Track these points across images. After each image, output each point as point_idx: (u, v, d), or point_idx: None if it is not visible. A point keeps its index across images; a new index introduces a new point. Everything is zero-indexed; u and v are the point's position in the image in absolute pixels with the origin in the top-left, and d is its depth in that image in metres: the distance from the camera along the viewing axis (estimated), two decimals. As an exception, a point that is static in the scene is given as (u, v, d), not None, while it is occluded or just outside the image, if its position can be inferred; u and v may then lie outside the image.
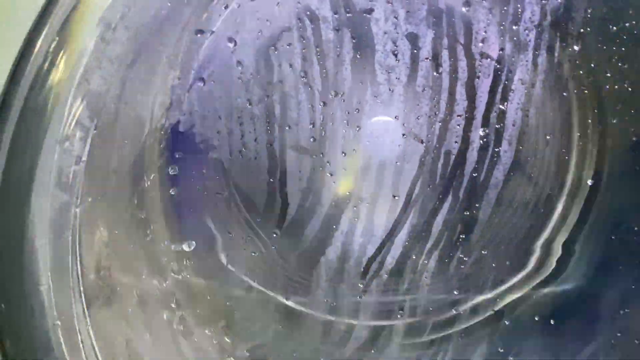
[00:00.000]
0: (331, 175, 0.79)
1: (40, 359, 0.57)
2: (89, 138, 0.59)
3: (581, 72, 0.72)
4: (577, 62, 0.72)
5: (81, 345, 0.61)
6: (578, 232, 0.78)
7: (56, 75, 0.54)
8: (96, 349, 0.62)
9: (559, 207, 0.79)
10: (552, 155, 0.77)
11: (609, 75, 0.71)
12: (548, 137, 0.77)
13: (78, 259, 0.61)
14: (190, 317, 0.76)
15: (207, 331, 0.78)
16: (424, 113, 0.76)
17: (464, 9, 0.72)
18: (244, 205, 0.81)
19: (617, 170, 0.75)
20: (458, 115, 0.76)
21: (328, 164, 0.79)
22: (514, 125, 0.76)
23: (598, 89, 0.73)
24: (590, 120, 0.74)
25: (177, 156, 0.76)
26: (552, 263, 0.79)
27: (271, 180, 0.80)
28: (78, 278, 0.61)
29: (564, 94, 0.74)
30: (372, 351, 0.83)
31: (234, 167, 0.79)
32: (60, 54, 0.54)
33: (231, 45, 0.74)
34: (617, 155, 0.75)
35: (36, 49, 0.52)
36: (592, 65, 0.71)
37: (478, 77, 0.75)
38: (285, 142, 0.78)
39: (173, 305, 0.75)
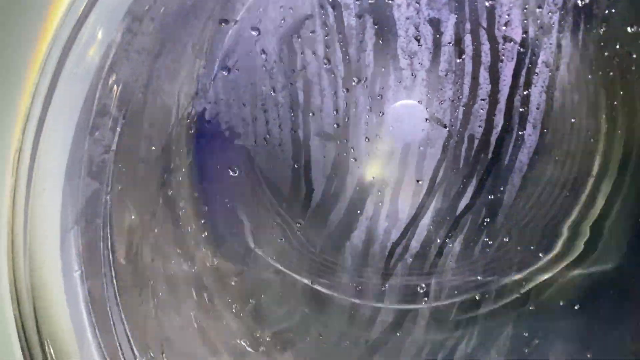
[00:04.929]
0: (355, 160, 0.80)
1: (73, 343, 0.59)
2: (118, 127, 0.60)
3: (606, 54, 0.71)
4: (602, 44, 0.71)
5: (113, 329, 0.63)
6: (605, 214, 0.77)
7: (85, 67, 0.55)
8: (128, 332, 0.64)
9: (586, 190, 0.78)
10: (577, 138, 0.77)
11: (635, 56, 0.69)
12: (573, 120, 0.76)
13: (109, 245, 0.63)
14: (218, 301, 0.78)
15: (234, 315, 0.79)
16: (447, 98, 0.76)
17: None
18: (269, 191, 0.82)
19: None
20: (482, 99, 0.76)
21: (352, 149, 0.79)
22: (538, 108, 0.75)
23: (624, 70, 0.71)
24: (616, 102, 0.73)
25: (203, 144, 0.77)
26: (579, 246, 0.78)
27: (296, 166, 0.80)
28: (109, 263, 0.63)
29: (589, 76, 0.73)
30: (398, 334, 0.83)
31: (259, 154, 0.80)
32: (89, 46, 0.55)
33: (255, 33, 0.74)
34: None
35: (64, 42, 0.53)
36: (618, 47, 0.70)
37: (501, 61, 0.74)
38: (309, 129, 0.79)
39: (202, 289, 0.77)
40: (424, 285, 0.83)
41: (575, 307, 0.76)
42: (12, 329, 0.54)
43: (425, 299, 0.83)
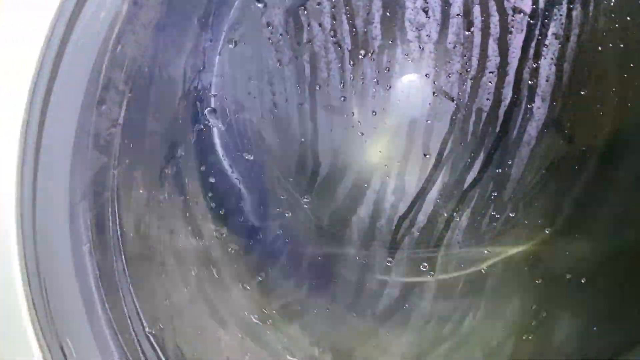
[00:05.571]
0: (362, 134, 0.79)
1: (83, 316, 0.59)
2: (125, 101, 0.60)
3: (617, 25, 0.70)
4: (613, 15, 0.70)
5: (123, 302, 0.63)
6: (613, 189, 0.77)
7: (91, 40, 0.55)
8: (137, 305, 0.65)
9: (595, 164, 0.77)
10: (586, 111, 0.76)
11: (646, 28, 0.69)
12: (583, 93, 0.75)
13: (117, 218, 0.63)
14: (226, 274, 0.78)
15: (242, 287, 0.79)
16: (455, 70, 0.75)
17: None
18: (276, 165, 0.82)
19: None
20: (490, 72, 0.75)
21: (359, 123, 0.79)
22: (547, 80, 0.74)
23: (635, 43, 0.70)
24: (626, 75, 0.72)
25: (210, 117, 0.77)
26: (586, 221, 0.78)
27: (302, 140, 0.80)
28: (118, 237, 0.63)
29: (599, 48, 0.72)
30: (405, 307, 0.83)
31: (266, 128, 0.80)
32: (94, 18, 0.55)
33: (261, 6, 0.74)
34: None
35: (70, 13, 0.53)
36: (628, 18, 0.69)
37: (510, 33, 0.73)
38: (315, 102, 0.78)
39: (209, 263, 0.77)
40: (426, 265, 0.83)
41: (582, 281, 0.75)
42: (22, 304, 0.55)
43: (432, 272, 0.83)
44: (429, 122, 0.78)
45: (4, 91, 0.52)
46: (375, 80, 0.77)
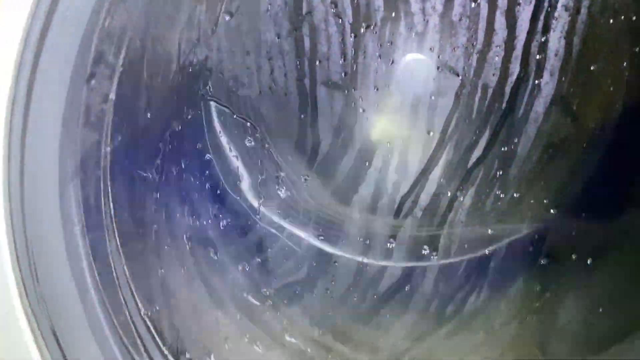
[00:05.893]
0: (363, 111, 0.78)
1: (76, 300, 0.58)
2: (116, 75, 0.59)
3: (630, -3, 0.68)
4: (626, -14, 0.68)
5: (117, 284, 0.62)
6: (620, 168, 0.75)
7: (79, 11, 0.53)
8: (132, 286, 0.64)
9: (601, 142, 0.76)
10: (596, 87, 0.74)
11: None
12: (593, 68, 0.73)
13: (110, 197, 0.62)
14: (224, 255, 0.78)
15: (240, 268, 0.79)
16: (461, 44, 0.74)
17: None
18: (275, 143, 0.81)
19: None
20: (497, 46, 0.73)
21: (360, 99, 0.78)
22: (556, 55, 0.73)
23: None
24: (637, 49, 0.70)
25: (206, 94, 0.76)
26: (592, 201, 0.77)
27: (302, 116, 0.79)
28: (111, 217, 0.62)
29: (611, 21, 0.70)
30: (406, 288, 0.83)
31: (264, 105, 0.79)
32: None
33: (258, -24, 0.72)
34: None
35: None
36: (642, -10, 0.67)
37: (519, 4, 0.71)
38: (315, 78, 0.77)
39: (207, 243, 0.76)
40: (429, 245, 0.83)
41: (588, 261, 0.75)
42: (12, 287, 0.53)
43: (435, 253, 0.83)
44: (433, 98, 0.76)
45: (-13, 65, 0.50)
46: (377, 54, 0.75)
